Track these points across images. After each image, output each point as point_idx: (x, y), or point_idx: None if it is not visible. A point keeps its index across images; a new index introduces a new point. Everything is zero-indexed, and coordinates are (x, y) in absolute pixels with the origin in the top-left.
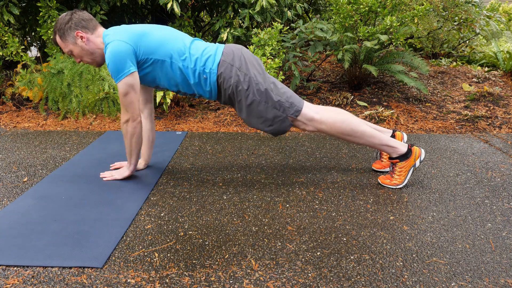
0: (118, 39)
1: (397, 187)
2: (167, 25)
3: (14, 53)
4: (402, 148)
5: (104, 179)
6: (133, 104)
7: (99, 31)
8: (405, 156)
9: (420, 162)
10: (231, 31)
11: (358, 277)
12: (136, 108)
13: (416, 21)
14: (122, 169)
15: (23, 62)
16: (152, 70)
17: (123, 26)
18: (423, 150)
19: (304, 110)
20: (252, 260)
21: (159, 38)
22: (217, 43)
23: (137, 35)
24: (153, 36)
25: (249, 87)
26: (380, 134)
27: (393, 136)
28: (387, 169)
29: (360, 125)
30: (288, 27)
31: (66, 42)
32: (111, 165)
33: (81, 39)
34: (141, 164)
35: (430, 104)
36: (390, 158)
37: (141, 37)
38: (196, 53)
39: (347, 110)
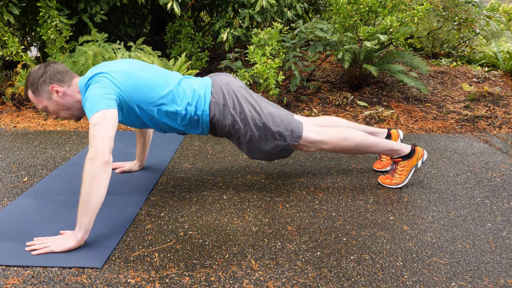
0: (100, 79)
1: (397, 186)
2: (167, 25)
3: (14, 53)
4: (405, 149)
5: (32, 253)
6: (102, 137)
7: (75, 81)
8: (408, 156)
9: (422, 163)
10: (231, 31)
11: (358, 277)
12: (105, 143)
13: (416, 21)
14: (66, 237)
15: (23, 62)
16: (136, 114)
17: (106, 63)
18: (425, 152)
19: (305, 134)
20: (252, 260)
21: (144, 80)
22: (202, 78)
23: (122, 75)
24: (138, 78)
25: (246, 125)
26: (382, 140)
27: (389, 135)
28: (388, 169)
29: (363, 139)
30: (288, 27)
31: (40, 98)
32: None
33: (57, 93)
34: (135, 165)
35: (430, 104)
36: (392, 157)
37: (125, 76)
38: (185, 96)
39: (347, 110)
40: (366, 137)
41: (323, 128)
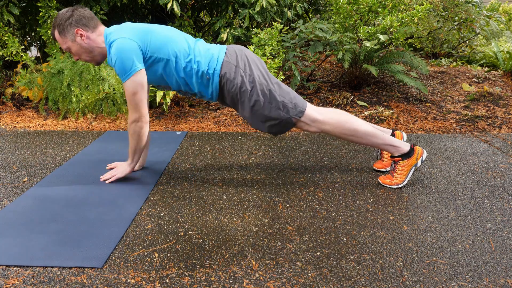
0: (123, 37)
1: (398, 186)
2: (167, 25)
3: (14, 53)
4: (405, 147)
5: (106, 181)
6: (142, 103)
7: (100, 29)
8: (407, 155)
9: (422, 162)
10: (231, 31)
11: (358, 277)
12: (145, 107)
13: (416, 21)
14: (122, 167)
15: (23, 62)
16: (156, 69)
17: (126, 24)
18: (425, 151)
19: (308, 111)
20: (252, 260)
21: (164, 36)
22: (219, 45)
23: (142, 32)
24: (158, 34)
25: (253, 88)
26: (382, 133)
27: (392, 135)
28: (388, 169)
29: (363, 125)
30: (288, 27)
31: (65, 38)
32: (107, 165)
33: (81, 37)
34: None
35: (430, 104)
36: (392, 156)
37: (146, 34)
38: (200, 54)
39: (347, 110)
40: (368, 125)
41: (325, 109)
